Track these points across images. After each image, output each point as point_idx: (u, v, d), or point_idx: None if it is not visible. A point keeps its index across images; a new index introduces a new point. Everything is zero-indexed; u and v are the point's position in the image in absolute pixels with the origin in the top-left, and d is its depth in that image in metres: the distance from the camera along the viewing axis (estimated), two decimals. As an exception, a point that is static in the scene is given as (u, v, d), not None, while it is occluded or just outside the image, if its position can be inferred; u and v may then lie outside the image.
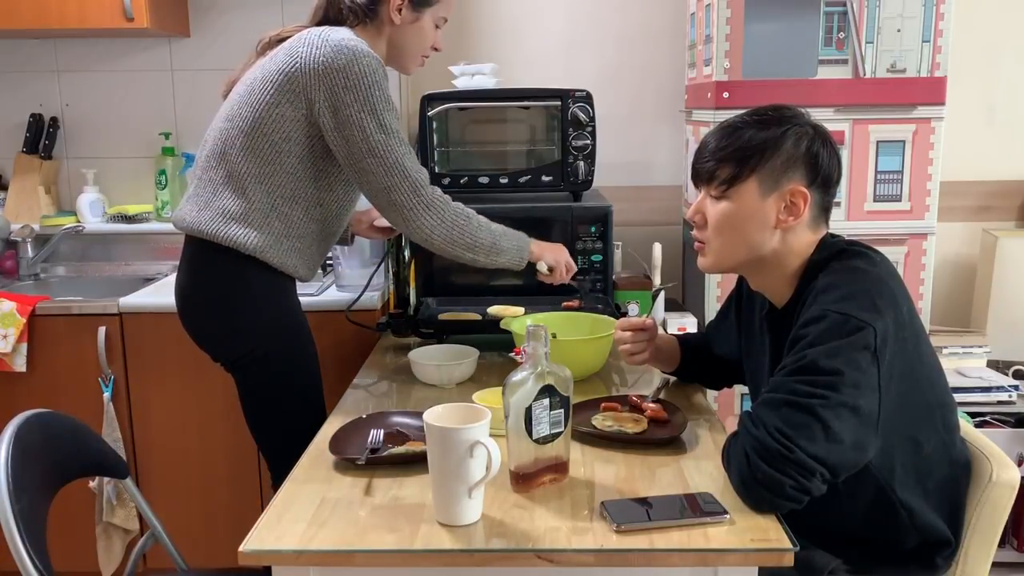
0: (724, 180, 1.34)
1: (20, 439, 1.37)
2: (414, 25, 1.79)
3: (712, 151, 1.36)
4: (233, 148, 1.68)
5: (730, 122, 1.37)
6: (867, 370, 1.20)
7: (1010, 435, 2.40)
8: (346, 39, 1.64)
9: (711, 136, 1.38)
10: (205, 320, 1.78)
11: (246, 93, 1.69)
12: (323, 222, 1.77)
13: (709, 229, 1.38)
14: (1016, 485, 1.34)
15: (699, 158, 1.38)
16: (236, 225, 1.68)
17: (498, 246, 1.78)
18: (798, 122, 1.34)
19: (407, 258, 2.20)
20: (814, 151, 1.33)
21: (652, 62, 2.83)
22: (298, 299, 1.83)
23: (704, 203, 1.39)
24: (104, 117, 2.85)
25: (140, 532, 2.36)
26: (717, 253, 1.39)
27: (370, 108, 1.63)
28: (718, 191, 1.35)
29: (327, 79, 1.62)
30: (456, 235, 1.72)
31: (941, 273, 2.82)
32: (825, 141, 1.35)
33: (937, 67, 2.29)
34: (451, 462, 1.14)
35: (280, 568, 1.13)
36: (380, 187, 1.67)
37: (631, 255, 2.70)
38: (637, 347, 1.69)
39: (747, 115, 1.37)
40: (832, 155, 1.35)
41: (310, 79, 1.62)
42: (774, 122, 1.34)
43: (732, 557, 1.11)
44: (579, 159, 2.32)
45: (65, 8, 2.45)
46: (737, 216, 1.34)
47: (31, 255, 2.75)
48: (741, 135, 1.33)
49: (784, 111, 1.36)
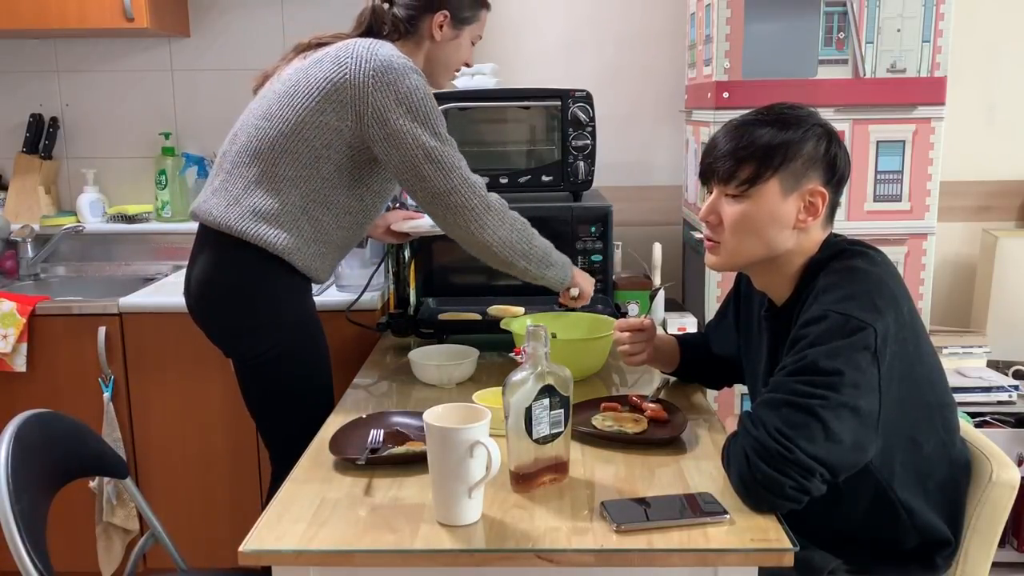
0: (744, 180, 1.32)
1: (20, 439, 1.37)
2: (453, 42, 1.83)
3: (729, 151, 1.33)
4: (271, 148, 1.68)
5: (742, 121, 1.35)
6: (867, 370, 1.20)
7: (1010, 435, 2.40)
8: (395, 56, 1.67)
9: (723, 135, 1.35)
10: (225, 315, 1.78)
11: (287, 95, 1.68)
12: (350, 229, 1.79)
13: (725, 229, 1.36)
14: (1016, 485, 1.34)
15: (712, 157, 1.35)
16: (267, 225, 1.69)
17: (550, 258, 1.79)
18: (814, 121, 1.33)
19: (407, 258, 2.20)
20: (832, 151, 1.32)
21: (652, 62, 2.83)
22: (313, 300, 1.84)
23: (719, 203, 1.36)
24: (104, 117, 2.85)
25: (140, 532, 2.36)
26: (732, 253, 1.37)
27: (422, 118, 1.65)
28: (737, 191, 1.33)
29: (377, 94, 1.63)
30: (515, 238, 1.73)
31: (941, 273, 2.82)
32: (839, 141, 1.35)
33: (937, 67, 2.29)
34: (451, 462, 1.14)
35: (280, 568, 1.14)
36: (439, 191, 1.67)
37: (631, 255, 2.70)
38: (636, 348, 1.69)
39: (759, 114, 1.35)
40: (845, 155, 1.35)
41: (359, 92, 1.64)
42: (793, 122, 1.32)
43: (732, 557, 1.11)
44: (579, 159, 2.32)
45: (65, 8, 2.45)
46: (757, 216, 1.33)
47: (31, 255, 2.75)
48: (760, 135, 1.31)
49: (799, 110, 1.35)
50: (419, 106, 1.65)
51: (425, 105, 1.66)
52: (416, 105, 1.65)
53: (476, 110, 2.39)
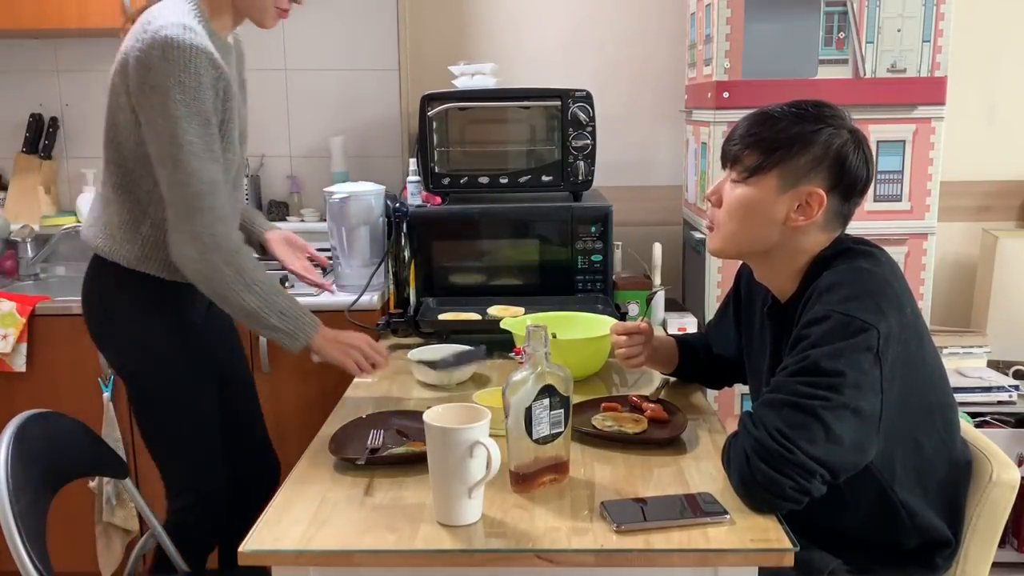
0: (747, 167, 1.32)
1: (20, 439, 1.37)
2: None
3: (742, 135, 1.34)
4: None
5: (766, 109, 1.35)
6: (869, 372, 1.20)
7: (1010, 435, 2.39)
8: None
9: (745, 120, 1.36)
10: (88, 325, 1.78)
11: None
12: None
13: (723, 211, 1.37)
14: (1016, 485, 1.34)
15: (730, 139, 1.37)
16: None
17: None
18: (835, 124, 1.31)
19: (407, 258, 2.20)
20: (843, 155, 1.30)
21: (652, 62, 2.83)
22: (182, 310, 1.74)
23: (724, 184, 1.38)
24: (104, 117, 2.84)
25: (140, 532, 2.36)
26: (722, 236, 1.38)
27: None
28: (740, 176, 1.34)
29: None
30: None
31: (941, 273, 2.81)
32: (858, 147, 1.32)
33: (937, 67, 2.29)
34: (451, 462, 1.14)
35: (280, 568, 1.13)
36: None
37: (631, 255, 2.69)
38: (633, 351, 1.68)
39: (786, 106, 1.34)
40: (862, 162, 1.32)
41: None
42: (810, 119, 1.31)
43: (732, 557, 1.11)
44: (579, 159, 2.32)
45: (65, 8, 2.44)
46: (750, 205, 1.33)
47: (31, 255, 2.75)
48: (774, 125, 1.31)
49: (824, 109, 1.33)
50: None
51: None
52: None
53: (476, 110, 2.39)
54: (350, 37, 2.74)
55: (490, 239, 2.25)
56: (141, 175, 1.61)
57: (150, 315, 1.69)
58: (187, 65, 1.47)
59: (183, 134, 1.49)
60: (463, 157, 2.41)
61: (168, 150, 1.50)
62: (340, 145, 2.74)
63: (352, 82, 2.77)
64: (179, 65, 1.47)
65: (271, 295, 1.57)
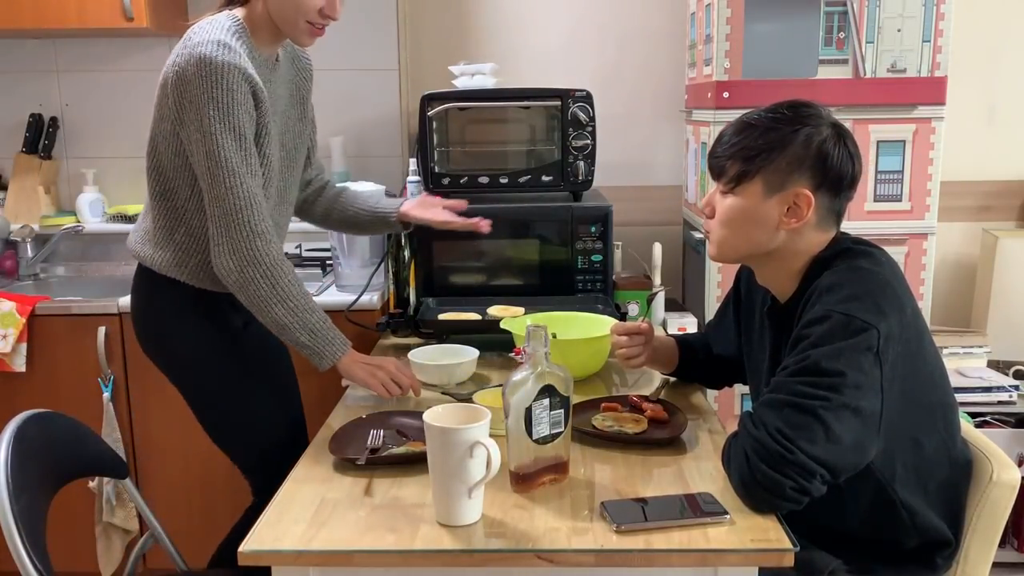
0: (732, 178, 1.34)
1: (20, 439, 1.37)
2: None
3: (724, 147, 1.36)
4: None
5: (747, 117, 1.36)
6: (870, 372, 1.20)
7: (1010, 435, 2.39)
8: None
9: (727, 130, 1.37)
10: (138, 338, 1.84)
11: None
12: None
13: (716, 221, 1.39)
14: (1016, 485, 1.34)
15: (713, 151, 1.38)
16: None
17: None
18: (813, 122, 1.32)
19: (407, 258, 2.20)
20: (824, 152, 1.30)
21: (652, 62, 2.83)
22: (221, 315, 1.77)
23: (715, 195, 1.40)
24: (104, 117, 2.85)
25: (140, 532, 2.36)
26: (720, 245, 1.40)
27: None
28: (726, 187, 1.36)
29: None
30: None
31: (941, 273, 2.81)
32: (840, 142, 1.32)
33: (937, 67, 2.29)
34: (451, 462, 1.14)
35: (280, 568, 1.13)
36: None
37: (631, 255, 2.69)
38: (633, 351, 1.68)
39: (764, 111, 1.35)
40: (846, 157, 1.32)
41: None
42: (786, 121, 1.32)
43: (732, 557, 1.11)
44: (579, 159, 2.32)
45: (65, 8, 2.44)
46: (741, 213, 1.35)
47: (31, 255, 2.75)
48: (752, 132, 1.33)
49: (801, 109, 1.34)
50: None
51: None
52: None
53: (476, 110, 2.39)
54: (350, 37, 2.73)
55: (490, 239, 2.25)
56: (178, 184, 1.65)
57: (185, 320, 1.72)
58: (219, 81, 1.51)
59: (219, 150, 1.53)
60: (463, 157, 2.41)
61: (206, 165, 1.55)
62: (340, 145, 2.74)
63: (352, 82, 2.77)
64: (212, 81, 1.51)
65: (304, 312, 1.61)
